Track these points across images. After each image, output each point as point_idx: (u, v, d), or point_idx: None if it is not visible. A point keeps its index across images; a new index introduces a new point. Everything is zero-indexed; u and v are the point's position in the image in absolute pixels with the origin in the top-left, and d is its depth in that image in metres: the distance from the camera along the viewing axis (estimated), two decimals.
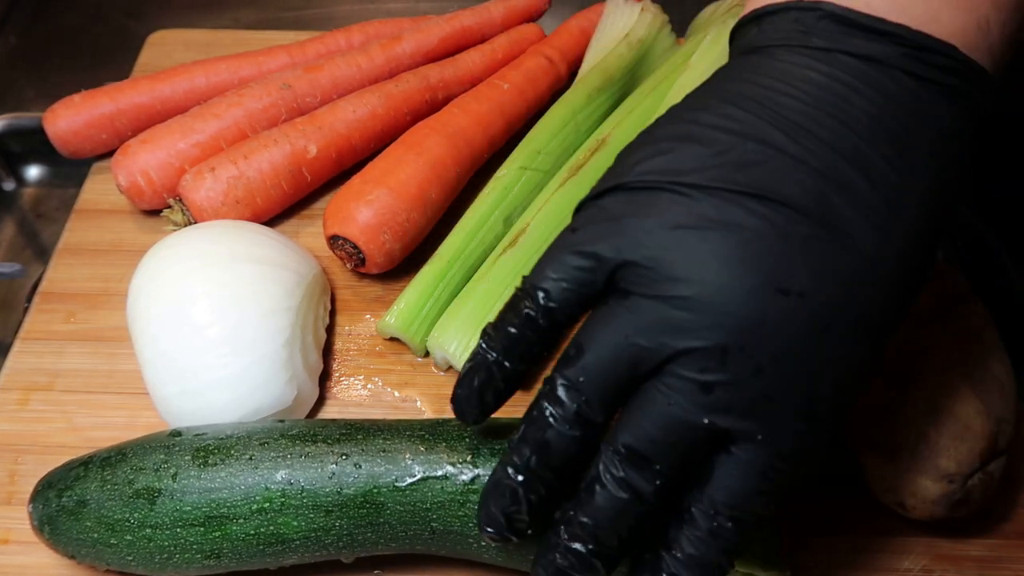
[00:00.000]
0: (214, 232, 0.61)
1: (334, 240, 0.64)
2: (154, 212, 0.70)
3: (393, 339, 0.64)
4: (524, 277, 0.42)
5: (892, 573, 0.54)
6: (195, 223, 0.66)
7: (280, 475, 0.49)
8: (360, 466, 0.49)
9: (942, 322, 0.53)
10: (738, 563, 0.47)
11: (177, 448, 0.50)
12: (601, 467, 0.39)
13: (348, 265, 0.65)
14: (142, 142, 0.68)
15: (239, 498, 0.48)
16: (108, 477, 0.49)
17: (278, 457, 0.49)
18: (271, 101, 0.71)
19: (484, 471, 0.48)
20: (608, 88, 0.73)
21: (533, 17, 0.83)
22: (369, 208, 0.63)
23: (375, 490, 0.48)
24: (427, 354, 0.63)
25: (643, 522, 0.39)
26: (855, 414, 0.53)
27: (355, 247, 0.64)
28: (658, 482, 0.38)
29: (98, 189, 0.73)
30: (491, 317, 0.60)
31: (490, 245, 0.66)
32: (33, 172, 0.92)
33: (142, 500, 0.48)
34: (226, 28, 0.87)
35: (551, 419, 0.39)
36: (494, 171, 0.69)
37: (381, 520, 0.49)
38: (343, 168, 0.72)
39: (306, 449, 0.49)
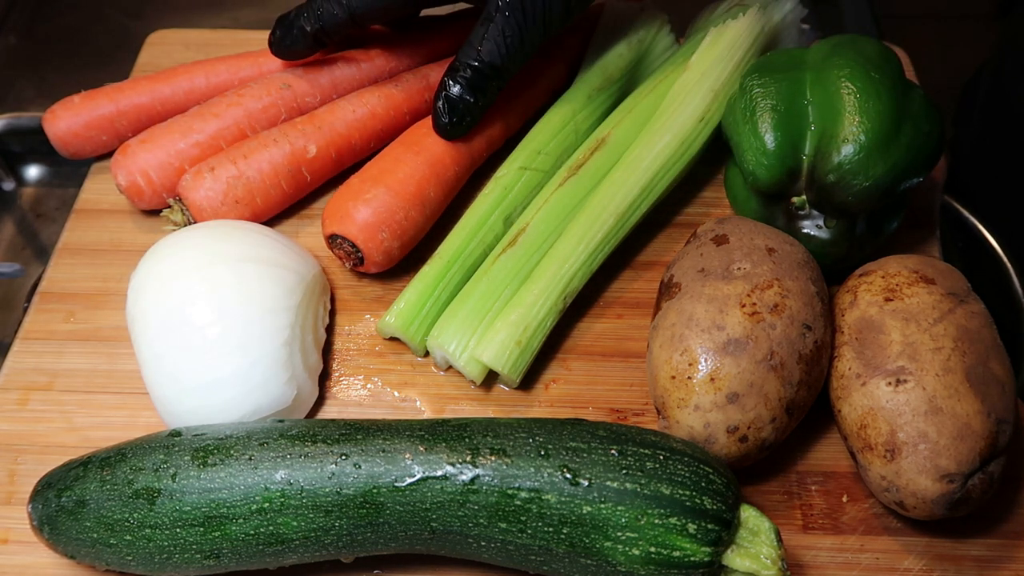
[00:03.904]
0: (213, 232, 0.61)
1: (332, 239, 0.64)
2: (154, 212, 0.70)
3: (393, 339, 0.64)
4: None
5: (892, 573, 0.54)
6: (194, 223, 0.66)
7: (280, 475, 0.48)
8: (360, 466, 0.49)
9: (942, 322, 0.53)
10: (738, 563, 0.47)
11: (176, 448, 0.50)
12: None
13: (347, 264, 0.65)
14: (142, 142, 0.68)
15: (239, 498, 0.48)
16: (107, 477, 0.49)
17: (278, 457, 0.49)
18: (271, 101, 0.71)
19: (484, 471, 0.48)
20: (608, 88, 0.73)
21: None
22: (367, 207, 0.63)
23: (375, 490, 0.48)
24: (427, 354, 0.63)
25: None
26: (855, 414, 0.53)
27: (353, 246, 0.64)
28: None
29: (98, 189, 0.73)
30: (491, 316, 0.61)
31: (490, 245, 0.66)
32: (33, 172, 0.92)
33: (142, 500, 0.48)
34: (225, 28, 0.87)
35: None
36: (494, 171, 0.69)
37: (381, 520, 0.49)
38: (343, 168, 0.72)
39: (306, 449, 0.49)
